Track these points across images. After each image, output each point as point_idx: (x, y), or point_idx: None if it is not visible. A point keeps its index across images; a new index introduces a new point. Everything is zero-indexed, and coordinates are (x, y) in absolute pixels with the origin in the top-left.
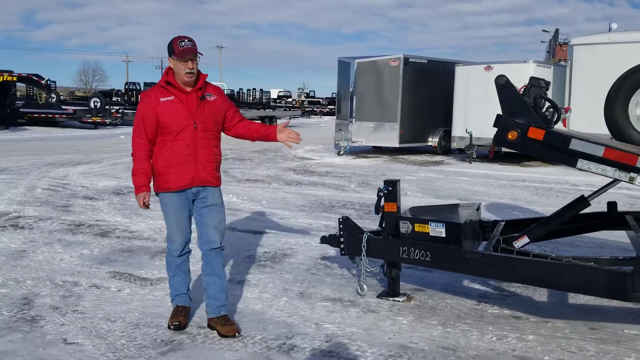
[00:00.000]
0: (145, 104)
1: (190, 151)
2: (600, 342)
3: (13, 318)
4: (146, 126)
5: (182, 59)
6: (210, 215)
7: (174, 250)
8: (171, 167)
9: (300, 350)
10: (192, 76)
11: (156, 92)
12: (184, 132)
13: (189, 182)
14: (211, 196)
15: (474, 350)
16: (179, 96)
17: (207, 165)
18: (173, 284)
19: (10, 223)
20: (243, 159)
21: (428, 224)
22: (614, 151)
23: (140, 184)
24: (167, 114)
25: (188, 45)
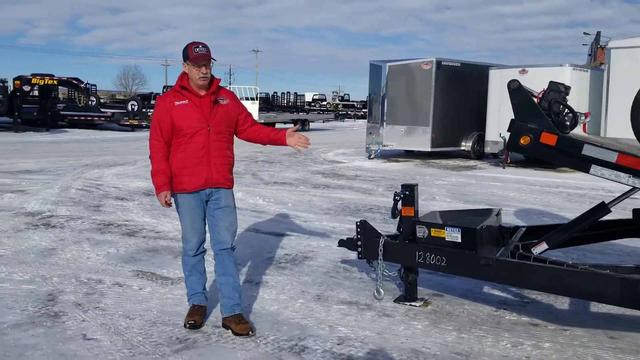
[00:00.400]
0: (160, 107)
1: (204, 153)
2: (619, 352)
3: (37, 313)
4: (162, 129)
5: (196, 64)
6: (222, 217)
7: (189, 250)
8: (185, 168)
9: (311, 352)
10: (205, 80)
11: (171, 96)
12: (197, 135)
13: (202, 183)
14: (224, 198)
15: (487, 356)
16: (193, 100)
17: (220, 167)
18: (189, 283)
19: (42, 222)
20: (273, 161)
21: (444, 228)
22: (627, 157)
23: (161, 184)
24: (182, 117)
25: (202, 51)
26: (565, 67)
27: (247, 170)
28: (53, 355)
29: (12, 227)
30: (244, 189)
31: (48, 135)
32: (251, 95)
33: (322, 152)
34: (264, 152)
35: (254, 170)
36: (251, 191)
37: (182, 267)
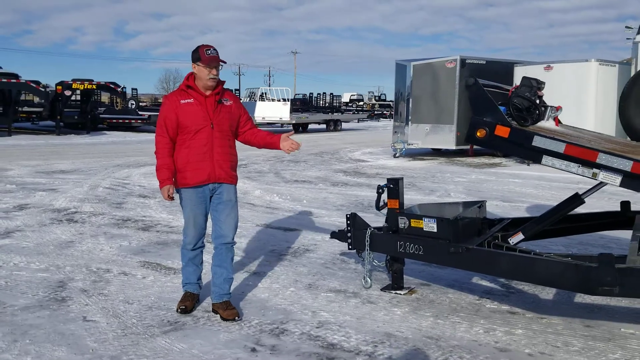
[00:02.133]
0: (167, 105)
1: (207, 149)
2: (590, 339)
3: (46, 298)
4: (167, 126)
5: (208, 66)
6: (224, 211)
7: (187, 243)
8: (189, 163)
9: (289, 334)
10: (214, 81)
11: (177, 95)
12: (201, 132)
13: (205, 178)
14: (226, 193)
15: (457, 340)
16: (198, 99)
17: (223, 163)
18: (185, 273)
19: (66, 217)
20: (299, 161)
21: (422, 219)
22: (575, 147)
23: (165, 178)
24: (187, 115)
25: (214, 53)
26: (591, 62)
27: (271, 169)
28: (53, 334)
29: (38, 222)
30: (263, 186)
31: (87, 138)
32: (283, 97)
33: (349, 151)
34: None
35: (277, 169)
36: (270, 189)
37: (180, 258)
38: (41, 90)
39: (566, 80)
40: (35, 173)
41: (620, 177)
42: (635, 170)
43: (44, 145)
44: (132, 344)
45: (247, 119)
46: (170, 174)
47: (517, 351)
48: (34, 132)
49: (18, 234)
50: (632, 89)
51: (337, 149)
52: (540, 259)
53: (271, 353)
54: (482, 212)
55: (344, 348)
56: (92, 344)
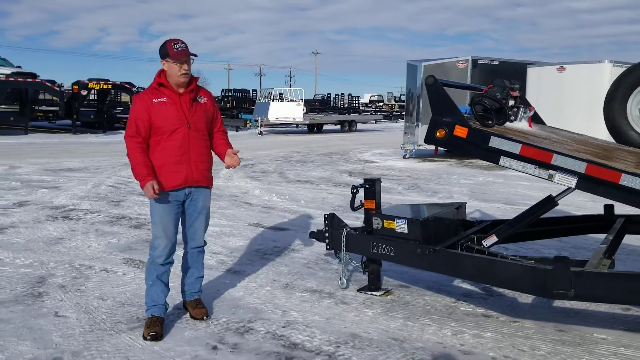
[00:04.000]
0: (138, 105)
1: (184, 151)
2: (559, 344)
3: (23, 293)
4: (139, 127)
5: (177, 61)
6: (199, 218)
7: (157, 257)
8: (165, 166)
9: (254, 333)
10: (186, 77)
11: (149, 93)
12: (177, 132)
13: (182, 181)
14: (202, 199)
15: (422, 342)
16: (172, 97)
17: (200, 165)
18: (151, 293)
19: (62, 215)
20: (306, 161)
21: (394, 220)
22: (530, 148)
23: (145, 174)
24: (160, 115)
25: (183, 47)
26: (604, 63)
27: (276, 169)
28: (22, 328)
29: (34, 219)
30: (265, 186)
31: (102, 137)
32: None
33: (359, 152)
34: (300, 152)
35: (282, 169)
36: (270, 189)
37: (145, 275)
38: (56, 90)
39: (579, 82)
40: (43, 171)
41: (575, 178)
42: (589, 172)
43: (57, 144)
44: (97, 339)
45: (221, 121)
46: (150, 170)
47: (481, 354)
48: (51, 131)
49: (11, 230)
50: (616, 91)
51: (348, 149)
52: (500, 262)
53: (231, 351)
54: (460, 213)
55: (306, 348)
56: (57, 339)
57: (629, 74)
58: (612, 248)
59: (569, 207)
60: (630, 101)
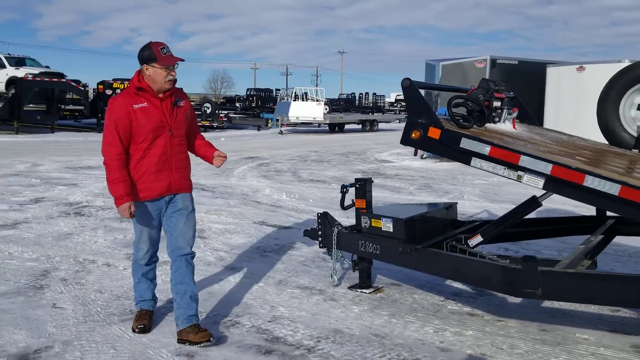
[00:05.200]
0: (116, 111)
1: (166, 158)
2: (539, 343)
3: (26, 285)
4: (120, 133)
5: (165, 67)
6: (179, 220)
7: (140, 258)
8: (147, 174)
9: (239, 327)
10: (172, 84)
11: (128, 98)
12: (159, 139)
13: (165, 189)
14: (181, 200)
15: (402, 339)
16: (153, 102)
17: (182, 171)
18: (138, 289)
19: (75, 211)
20: (322, 160)
21: (380, 219)
22: (499, 149)
23: (122, 193)
24: (142, 121)
25: (170, 52)
26: (623, 62)
27: (290, 168)
28: (20, 318)
29: (47, 215)
30: (276, 185)
31: None
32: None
33: (377, 151)
34: (318, 151)
35: (296, 169)
36: (281, 187)
37: (132, 273)
38: (80, 89)
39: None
40: (63, 168)
41: (542, 180)
42: (554, 173)
43: (81, 142)
44: (89, 330)
45: (196, 126)
46: (128, 188)
47: (458, 351)
48: (77, 130)
49: (24, 226)
50: (608, 93)
51: (366, 149)
52: (474, 261)
53: (215, 344)
54: (450, 213)
55: (287, 342)
56: (51, 329)
57: (621, 76)
58: (595, 249)
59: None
60: (623, 103)
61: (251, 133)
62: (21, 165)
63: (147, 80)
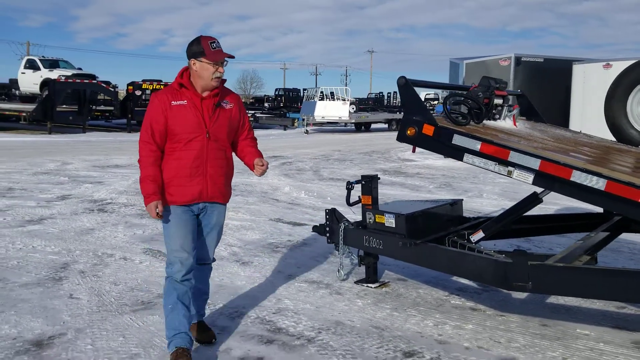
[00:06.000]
0: (155, 106)
1: (200, 163)
2: (538, 337)
3: (46, 277)
4: (154, 131)
5: (214, 62)
6: (210, 234)
7: (175, 273)
8: (177, 178)
9: (245, 317)
10: (219, 81)
11: (168, 94)
12: (194, 141)
13: (195, 197)
14: (216, 216)
15: (401, 331)
16: (194, 100)
17: (217, 179)
18: (172, 320)
19: (99, 207)
20: (345, 159)
21: (384, 215)
22: (489, 145)
23: (150, 192)
24: (178, 120)
25: (220, 47)
26: None
27: (312, 167)
28: (38, 307)
29: (72, 211)
30: (296, 183)
31: None
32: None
33: (401, 150)
34: (342, 150)
35: (318, 167)
36: (301, 186)
37: (164, 298)
38: (110, 90)
39: None
40: (91, 167)
41: (532, 175)
42: (542, 168)
43: (111, 142)
44: (101, 319)
45: (248, 128)
46: (157, 187)
47: (455, 344)
48: (107, 130)
49: (49, 221)
50: (616, 90)
51: (390, 148)
52: (469, 255)
53: (219, 333)
54: (455, 210)
55: (289, 332)
56: (66, 317)
57: (628, 73)
58: (595, 245)
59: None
60: (631, 100)
61: (277, 133)
62: (51, 164)
63: (193, 76)
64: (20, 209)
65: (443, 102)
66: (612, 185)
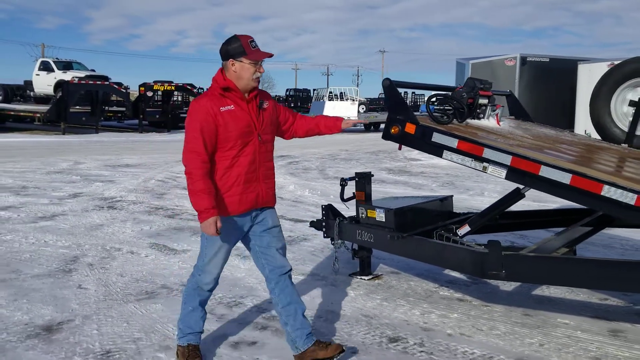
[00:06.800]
0: (202, 114)
1: (255, 167)
2: (519, 325)
3: (57, 269)
4: (206, 139)
5: (255, 62)
6: (273, 240)
7: (204, 283)
8: (235, 186)
9: (242, 306)
10: (258, 82)
11: (214, 100)
12: (248, 146)
13: (253, 203)
14: (270, 217)
15: (389, 319)
16: (240, 104)
17: (269, 181)
18: (189, 320)
19: (108, 205)
20: (351, 159)
21: (375, 210)
22: (465, 143)
23: (208, 206)
24: (231, 125)
25: (258, 46)
26: None
27: (318, 166)
28: (48, 296)
29: (83, 208)
30: (301, 182)
31: (166, 135)
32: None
33: (408, 150)
34: (349, 150)
35: (324, 166)
36: (305, 184)
37: (185, 300)
38: (122, 91)
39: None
40: (103, 166)
41: (505, 170)
42: (514, 164)
43: (123, 142)
44: (107, 307)
45: (286, 111)
46: (214, 200)
47: (439, 331)
48: (120, 130)
49: (60, 217)
50: (600, 90)
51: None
52: (450, 246)
53: (217, 320)
54: (445, 205)
55: None
56: (74, 305)
57: (613, 73)
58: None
59: None
60: (614, 99)
61: None
62: (64, 163)
63: (230, 77)
64: (34, 206)
65: (426, 102)
66: (577, 180)
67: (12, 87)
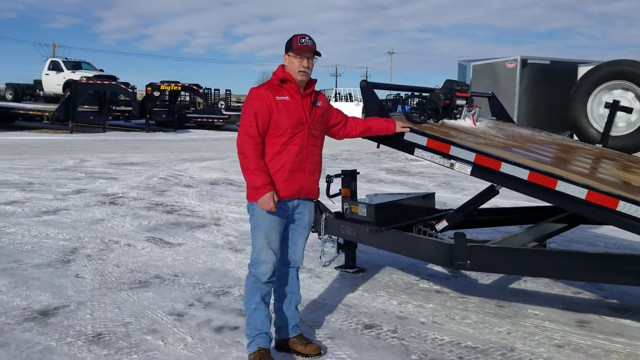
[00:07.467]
0: (259, 100)
1: (302, 157)
2: (490, 315)
3: (55, 259)
4: (259, 124)
5: (299, 56)
6: (302, 235)
7: (262, 274)
8: (281, 172)
9: (228, 295)
10: (304, 75)
11: (271, 89)
12: (297, 136)
13: (296, 192)
14: (308, 213)
15: (367, 308)
16: (295, 97)
17: (314, 174)
18: (254, 320)
19: (110, 201)
20: (352, 159)
21: (358, 205)
22: (434, 141)
23: (265, 182)
24: (284, 114)
25: (308, 42)
26: None
27: None
28: (46, 284)
29: (85, 204)
30: None
31: (172, 135)
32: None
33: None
34: (351, 150)
35: (325, 167)
36: None
37: (247, 298)
38: (129, 91)
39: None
40: (107, 164)
41: (470, 167)
42: (477, 160)
43: (129, 141)
44: (101, 295)
45: (338, 112)
46: (268, 177)
47: (413, 319)
48: (127, 129)
49: (63, 212)
50: (577, 92)
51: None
52: (422, 239)
53: (204, 307)
54: (427, 202)
55: None
56: (70, 293)
57: (589, 75)
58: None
59: None
60: (591, 101)
61: None
62: (70, 161)
63: (287, 70)
64: (38, 201)
65: (401, 103)
66: (533, 175)
67: (22, 87)
